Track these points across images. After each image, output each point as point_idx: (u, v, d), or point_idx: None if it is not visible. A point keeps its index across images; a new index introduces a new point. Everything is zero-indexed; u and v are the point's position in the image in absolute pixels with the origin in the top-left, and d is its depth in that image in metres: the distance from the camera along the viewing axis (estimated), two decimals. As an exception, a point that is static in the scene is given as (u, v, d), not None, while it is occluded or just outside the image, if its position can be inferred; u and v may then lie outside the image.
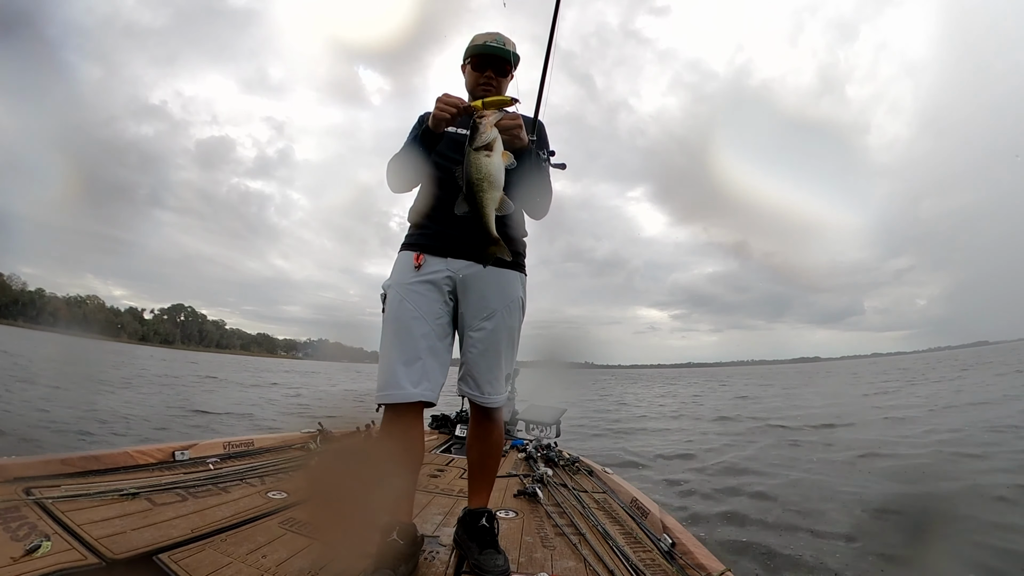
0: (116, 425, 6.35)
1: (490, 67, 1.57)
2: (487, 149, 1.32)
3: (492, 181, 1.32)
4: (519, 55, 1.61)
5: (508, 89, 1.62)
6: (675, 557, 1.61)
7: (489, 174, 1.32)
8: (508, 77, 1.61)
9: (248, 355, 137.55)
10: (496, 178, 1.33)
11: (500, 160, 1.34)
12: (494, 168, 1.32)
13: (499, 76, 1.59)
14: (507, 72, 1.60)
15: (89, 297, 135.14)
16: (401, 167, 1.52)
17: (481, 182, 1.31)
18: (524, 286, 1.60)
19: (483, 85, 1.58)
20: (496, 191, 1.33)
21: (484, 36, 1.58)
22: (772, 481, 4.87)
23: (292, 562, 1.43)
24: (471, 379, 1.53)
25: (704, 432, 8.92)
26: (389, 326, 1.47)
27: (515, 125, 1.40)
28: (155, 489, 1.83)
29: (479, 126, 1.33)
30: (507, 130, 1.38)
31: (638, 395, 21.70)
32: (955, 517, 3.51)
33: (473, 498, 1.63)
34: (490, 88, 1.58)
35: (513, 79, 1.63)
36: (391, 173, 1.53)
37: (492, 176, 1.32)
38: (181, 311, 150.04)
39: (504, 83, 1.61)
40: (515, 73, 1.63)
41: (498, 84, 1.59)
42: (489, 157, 1.32)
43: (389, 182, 1.54)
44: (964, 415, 8.88)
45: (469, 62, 1.60)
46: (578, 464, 2.92)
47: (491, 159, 1.32)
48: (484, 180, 1.31)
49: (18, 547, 1.24)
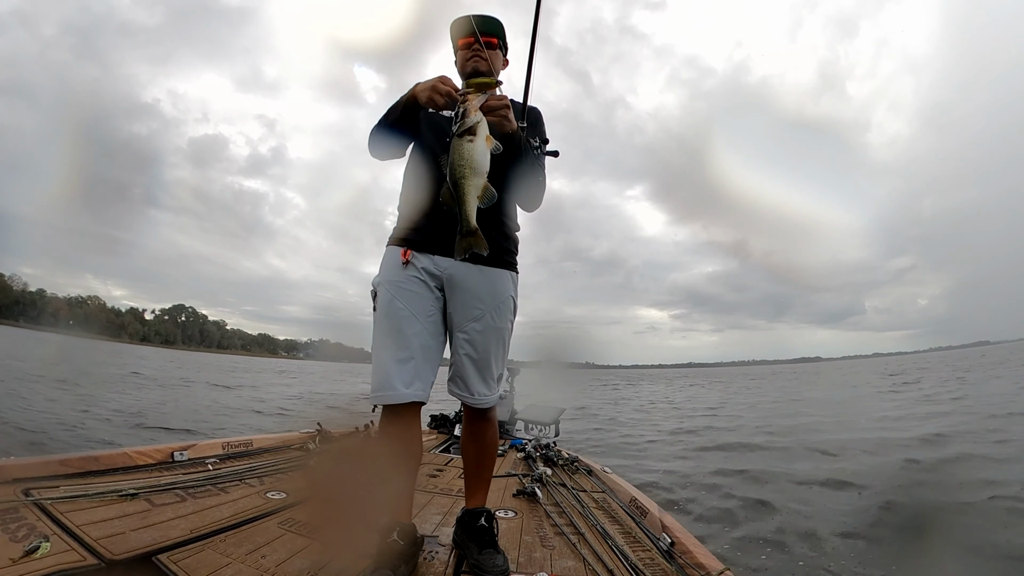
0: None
1: (471, 35, 1.50)
2: (470, 134, 1.25)
3: (474, 167, 1.24)
4: (501, 23, 1.55)
5: (499, 75, 1.56)
6: (674, 556, 1.61)
7: (471, 159, 1.24)
8: (497, 52, 1.56)
9: (249, 355, 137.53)
10: (479, 164, 1.25)
11: (484, 145, 1.26)
12: (477, 154, 1.24)
13: (488, 49, 1.52)
14: (495, 45, 1.54)
15: (90, 298, 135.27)
16: (381, 137, 1.49)
17: (463, 168, 1.24)
18: (516, 285, 1.56)
19: (472, 59, 1.52)
20: (478, 178, 1.25)
21: (461, 17, 1.53)
22: (774, 480, 4.87)
23: (291, 562, 1.43)
24: (460, 380, 1.51)
25: (704, 431, 8.91)
26: (380, 325, 1.45)
27: (502, 105, 1.33)
28: (154, 490, 1.83)
29: (462, 110, 1.26)
30: (493, 111, 1.31)
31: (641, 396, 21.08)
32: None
33: (471, 498, 1.62)
34: (480, 58, 1.51)
35: (508, 65, 1.59)
36: (372, 138, 1.50)
37: (474, 162, 1.24)
38: (182, 311, 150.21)
39: (496, 56, 1.55)
40: (508, 58, 1.60)
41: (487, 54, 1.52)
42: (472, 142, 1.24)
43: (371, 147, 1.51)
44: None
45: (455, 46, 1.57)
46: (577, 463, 2.92)
47: (474, 144, 1.24)
48: (466, 166, 1.24)
49: (17, 548, 1.24)
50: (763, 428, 8.86)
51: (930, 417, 8.93)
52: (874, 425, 8.44)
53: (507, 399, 4.64)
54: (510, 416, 4.60)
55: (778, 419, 9.97)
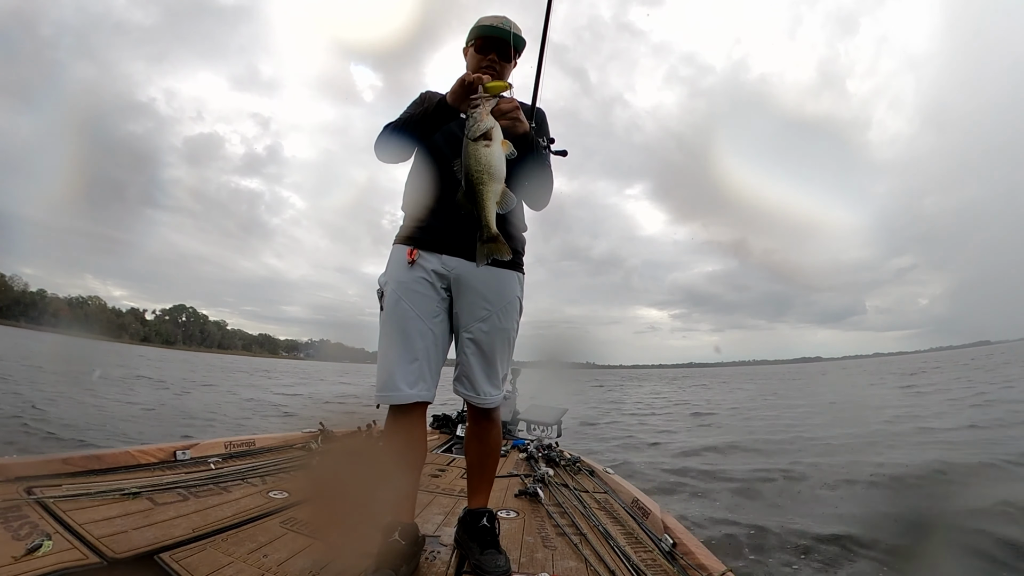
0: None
1: (494, 50, 1.51)
2: (486, 138, 1.23)
3: (492, 173, 1.23)
4: (525, 40, 1.55)
5: (510, 77, 1.55)
6: (676, 558, 1.61)
7: (489, 165, 1.23)
8: (511, 63, 1.55)
9: (250, 356, 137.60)
10: (497, 169, 1.24)
11: (500, 149, 1.25)
12: (494, 159, 1.23)
13: (503, 60, 1.52)
14: (511, 57, 1.54)
15: (91, 298, 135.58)
16: (401, 137, 1.45)
17: (481, 174, 1.23)
18: (522, 285, 1.57)
19: (485, 68, 1.50)
20: (497, 183, 1.25)
21: (490, 19, 1.52)
22: (777, 481, 4.86)
23: (293, 562, 1.43)
24: (466, 380, 1.51)
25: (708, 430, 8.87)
26: (387, 325, 1.45)
27: (512, 108, 1.32)
28: (156, 488, 1.83)
29: (475, 114, 1.24)
30: (504, 114, 1.30)
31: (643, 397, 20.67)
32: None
33: (473, 498, 1.62)
34: (492, 72, 1.50)
35: (516, 66, 1.58)
36: (386, 142, 1.45)
37: (492, 167, 1.23)
38: (183, 312, 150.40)
39: (507, 68, 1.55)
40: (518, 61, 1.58)
41: (501, 68, 1.52)
42: (488, 147, 1.23)
43: (380, 150, 1.46)
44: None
45: (473, 44, 1.54)
46: (579, 464, 2.92)
47: (491, 149, 1.23)
48: (484, 172, 1.23)
49: (19, 546, 1.25)
50: (780, 432, 8.41)
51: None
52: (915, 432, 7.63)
53: (510, 399, 4.64)
54: (512, 416, 4.60)
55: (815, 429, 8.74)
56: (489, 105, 1.27)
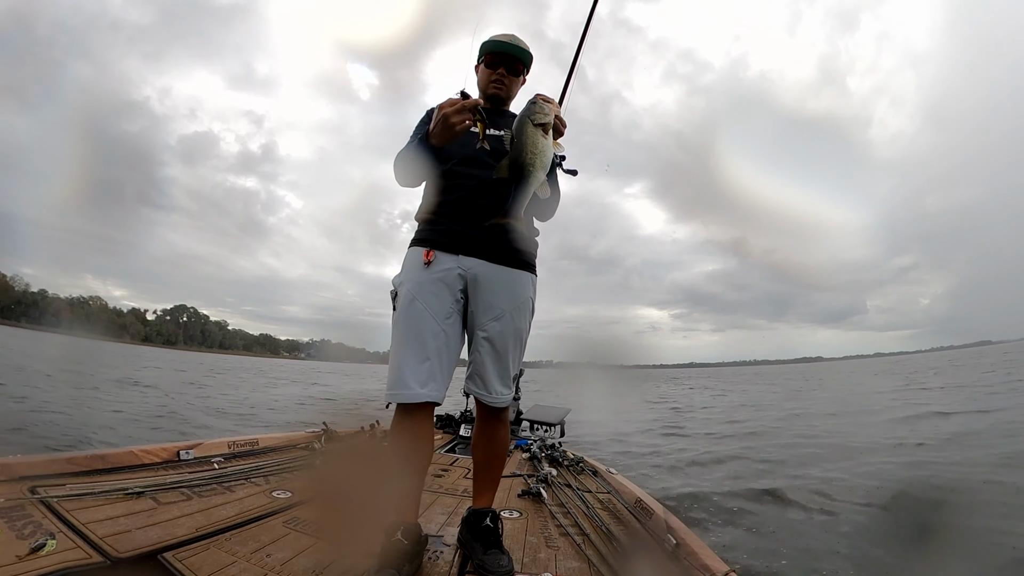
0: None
1: (503, 65, 1.58)
2: (545, 129, 1.29)
3: (544, 162, 1.28)
4: (532, 55, 1.61)
5: (519, 93, 1.63)
6: (679, 558, 1.60)
7: (543, 153, 1.28)
8: (520, 78, 1.62)
9: (250, 356, 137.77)
10: (548, 159, 1.29)
11: (552, 145, 1.31)
12: (548, 149, 1.29)
13: (511, 75, 1.59)
14: (519, 72, 1.61)
15: (92, 298, 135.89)
16: (408, 167, 1.50)
17: (535, 158, 1.27)
18: (535, 287, 1.60)
19: (495, 83, 1.58)
20: (543, 172, 1.30)
21: (499, 36, 1.59)
22: (779, 482, 4.82)
23: (296, 561, 1.43)
24: (479, 378, 1.52)
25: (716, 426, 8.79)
26: (399, 325, 1.46)
27: (563, 124, 1.39)
28: (160, 488, 1.83)
29: (543, 105, 1.30)
30: (558, 123, 1.37)
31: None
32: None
33: (477, 498, 1.62)
34: (501, 86, 1.58)
35: (525, 83, 1.64)
36: (398, 170, 1.52)
37: (545, 156, 1.28)
38: (184, 312, 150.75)
39: (516, 83, 1.62)
40: (526, 77, 1.64)
41: (509, 83, 1.60)
42: (546, 138, 1.29)
43: (397, 177, 1.53)
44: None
45: (483, 60, 1.60)
46: (582, 464, 2.91)
47: (547, 140, 1.29)
48: (538, 157, 1.27)
49: (23, 545, 1.25)
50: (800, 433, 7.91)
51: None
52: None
53: (515, 400, 4.66)
54: (515, 416, 4.61)
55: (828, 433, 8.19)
56: (554, 107, 1.33)
